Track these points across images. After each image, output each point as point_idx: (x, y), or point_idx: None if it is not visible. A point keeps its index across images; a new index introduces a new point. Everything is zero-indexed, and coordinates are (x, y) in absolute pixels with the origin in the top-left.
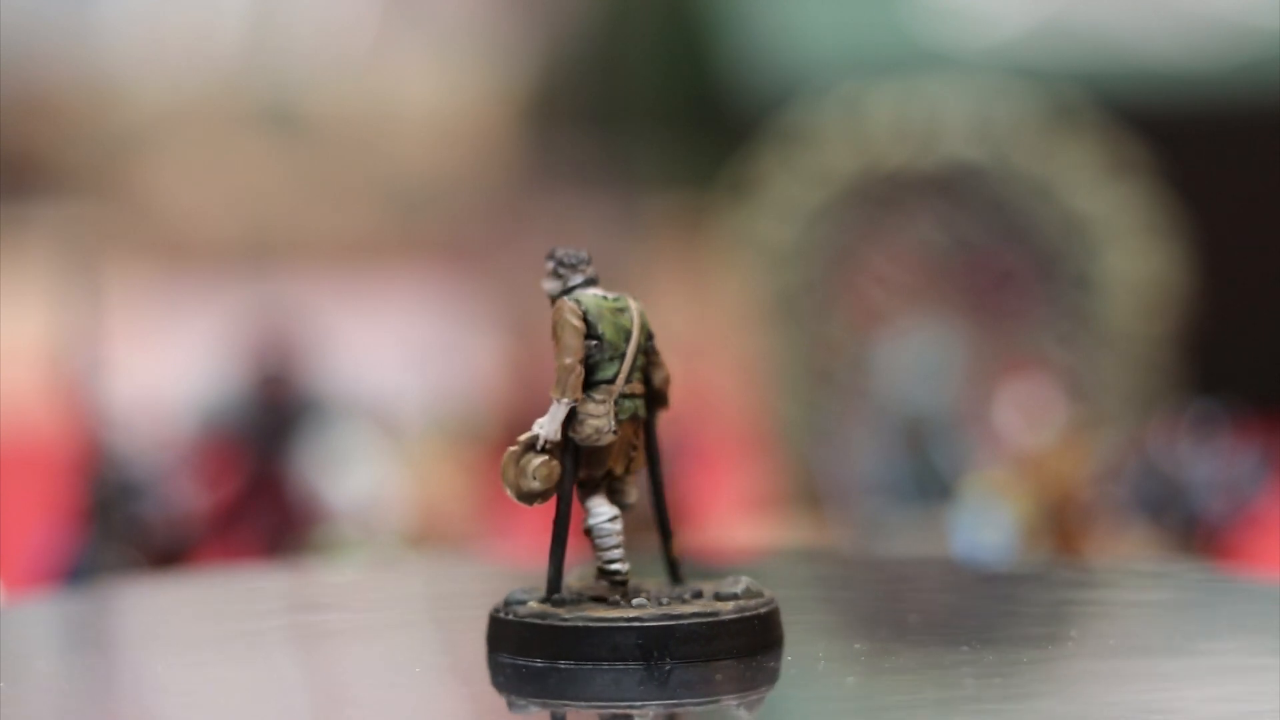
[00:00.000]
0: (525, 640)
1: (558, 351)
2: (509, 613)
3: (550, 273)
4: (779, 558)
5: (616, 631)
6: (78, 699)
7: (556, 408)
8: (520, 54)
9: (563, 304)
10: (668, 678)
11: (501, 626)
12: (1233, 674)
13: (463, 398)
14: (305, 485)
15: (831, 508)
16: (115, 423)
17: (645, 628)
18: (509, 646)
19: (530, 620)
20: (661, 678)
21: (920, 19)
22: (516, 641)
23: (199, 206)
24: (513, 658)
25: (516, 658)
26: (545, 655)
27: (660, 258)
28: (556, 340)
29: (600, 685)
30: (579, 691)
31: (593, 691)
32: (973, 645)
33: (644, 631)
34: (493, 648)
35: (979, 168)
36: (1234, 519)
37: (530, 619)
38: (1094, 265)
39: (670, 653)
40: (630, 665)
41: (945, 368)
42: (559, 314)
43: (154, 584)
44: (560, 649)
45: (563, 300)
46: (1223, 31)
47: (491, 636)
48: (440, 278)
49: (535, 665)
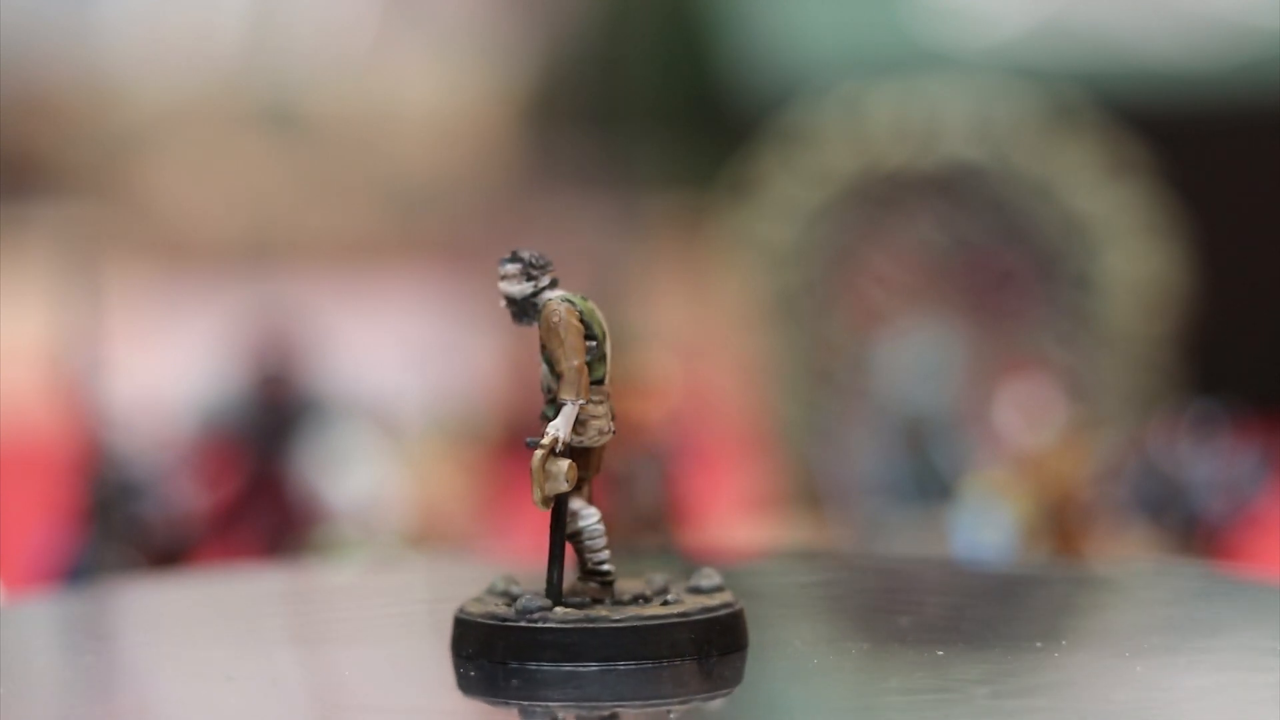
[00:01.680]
0: (569, 646)
1: (563, 354)
2: (539, 619)
3: (519, 275)
4: (779, 558)
5: (673, 628)
6: (78, 699)
7: (569, 409)
8: (520, 54)
9: (558, 305)
10: (712, 670)
11: (534, 634)
12: (1232, 674)
13: (463, 398)
14: (305, 485)
15: (831, 508)
16: (115, 423)
17: (695, 621)
18: (548, 655)
19: (575, 625)
20: (709, 670)
21: (920, 19)
22: (561, 649)
23: (199, 206)
24: (556, 664)
25: (561, 664)
26: (595, 659)
27: (660, 258)
28: (560, 342)
29: (661, 682)
30: (625, 691)
31: (651, 690)
32: (972, 645)
33: (695, 626)
34: (525, 657)
35: (979, 168)
36: (1234, 519)
37: (576, 624)
38: (1094, 265)
39: (717, 647)
40: (686, 660)
41: (945, 368)
42: (559, 316)
43: (154, 584)
44: (617, 650)
45: (557, 302)
46: (1223, 31)
47: (525, 645)
48: (440, 278)
49: (562, 669)
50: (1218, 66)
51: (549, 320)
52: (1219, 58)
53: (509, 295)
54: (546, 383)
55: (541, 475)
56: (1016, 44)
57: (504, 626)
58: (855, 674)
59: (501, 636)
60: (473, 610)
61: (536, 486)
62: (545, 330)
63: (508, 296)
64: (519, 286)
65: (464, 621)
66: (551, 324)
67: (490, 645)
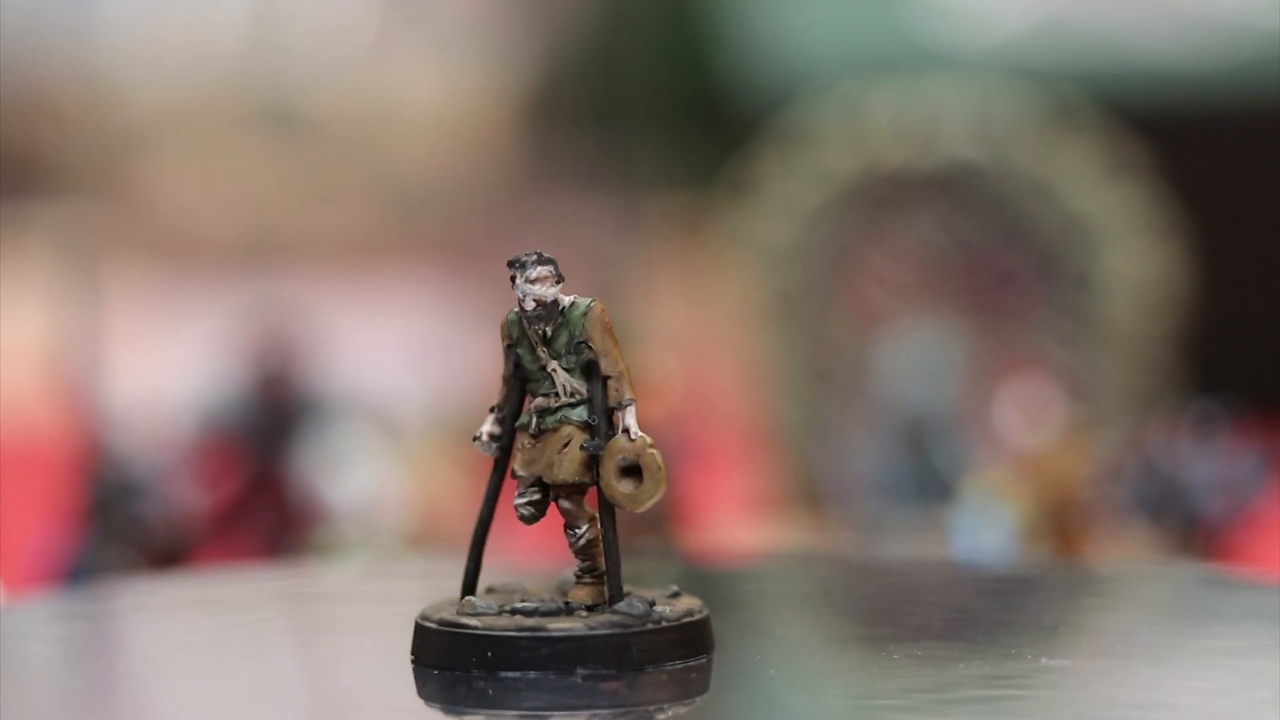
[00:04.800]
0: (605, 652)
1: (616, 355)
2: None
3: (551, 277)
4: (778, 558)
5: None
6: (78, 699)
7: (634, 407)
8: (520, 54)
9: (602, 307)
10: (691, 676)
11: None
12: (1232, 674)
13: (463, 398)
14: (305, 485)
15: (831, 508)
16: (115, 423)
17: (667, 628)
18: (595, 658)
19: (610, 632)
20: (689, 676)
21: (920, 19)
22: (605, 655)
23: (199, 206)
24: (596, 668)
25: (602, 668)
26: (633, 665)
27: (660, 258)
28: (613, 342)
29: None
30: (602, 699)
31: (662, 694)
32: (972, 645)
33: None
34: (554, 666)
35: (979, 168)
36: (1234, 519)
37: (608, 630)
38: (1094, 265)
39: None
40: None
41: (945, 368)
42: (606, 317)
43: (154, 584)
44: (650, 655)
45: (599, 303)
46: (1223, 31)
47: (567, 654)
48: (440, 278)
49: (577, 675)
50: (1218, 66)
51: (602, 320)
52: (1219, 58)
53: (542, 299)
54: (570, 385)
55: (661, 475)
56: (1016, 44)
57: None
58: (855, 675)
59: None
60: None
61: (659, 482)
62: (599, 331)
63: (540, 300)
64: (552, 289)
65: (424, 628)
66: (605, 324)
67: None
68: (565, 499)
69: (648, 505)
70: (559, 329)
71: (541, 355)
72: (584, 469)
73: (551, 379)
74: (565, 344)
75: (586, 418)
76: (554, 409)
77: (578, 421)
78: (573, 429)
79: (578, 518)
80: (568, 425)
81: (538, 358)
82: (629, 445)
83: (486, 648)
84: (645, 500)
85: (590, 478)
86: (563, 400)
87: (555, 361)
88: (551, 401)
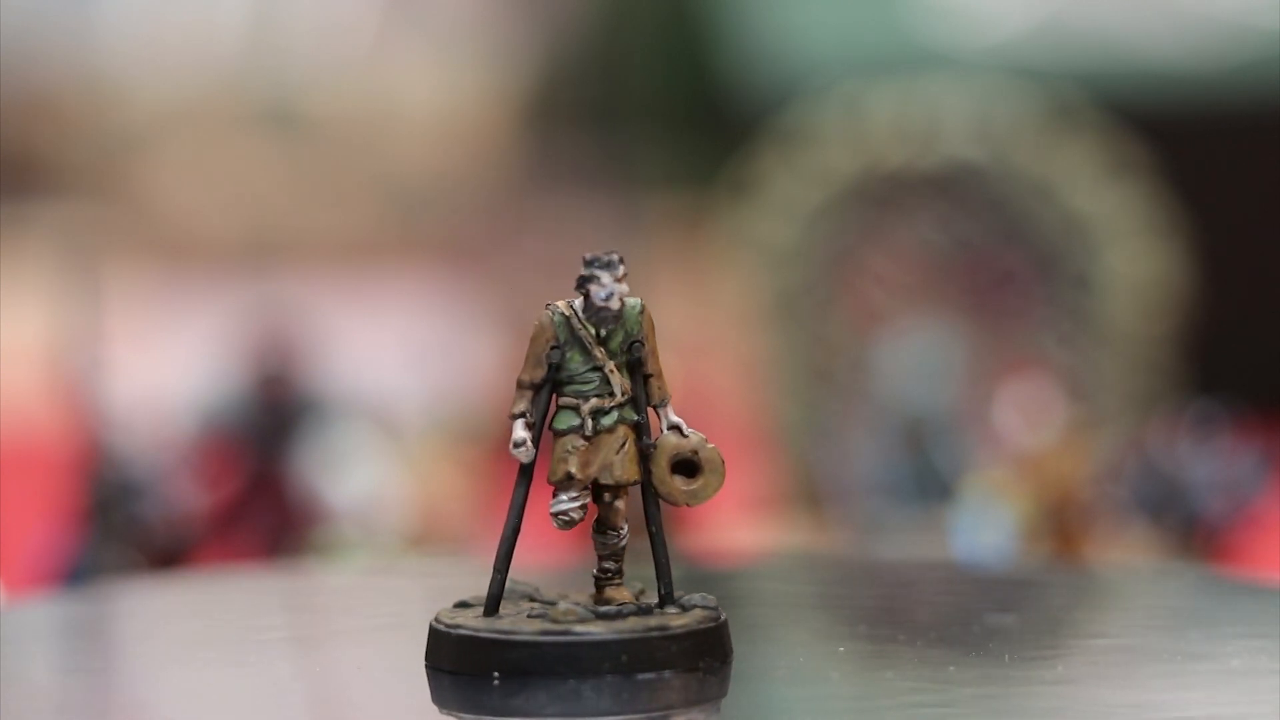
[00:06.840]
0: (635, 654)
1: (658, 353)
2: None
3: (625, 276)
4: (779, 559)
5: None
6: (78, 699)
7: (671, 405)
8: (520, 54)
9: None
10: (702, 681)
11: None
12: (1232, 675)
13: (463, 398)
14: (305, 485)
15: (831, 508)
16: (115, 423)
17: (681, 634)
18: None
19: (643, 636)
20: (698, 680)
21: (920, 19)
22: (634, 658)
23: (199, 206)
24: (619, 673)
25: (624, 673)
26: (657, 667)
27: (660, 258)
28: (655, 341)
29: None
30: (615, 704)
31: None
32: (972, 645)
33: (681, 638)
34: (583, 673)
35: (979, 168)
36: (1234, 519)
37: (641, 634)
38: (1094, 265)
39: (706, 658)
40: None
41: (945, 368)
42: (651, 316)
43: (154, 584)
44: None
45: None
46: (1223, 31)
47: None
48: (440, 278)
49: None
50: (1218, 66)
51: (650, 319)
52: (1219, 58)
53: (620, 294)
54: (624, 385)
55: (723, 469)
56: (1016, 44)
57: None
58: (854, 675)
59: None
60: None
61: (721, 476)
62: (650, 330)
63: (620, 295)
64: (625, 286)
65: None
66: (653, 322)
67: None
68: (619, 499)
69: (707, 500)
70: (615, 329)
71: (598, 355)
72: (640, 468)
73: (607, 379)
74: (620, 343)
75: (637, 416)
76: (609, 409)
77: (630, 421)
78: (626, 429)
79: (622, 518)
80: (622, 425)
81: (591, 358)
82: (684, 441)
83: (515, 653)
84: (707, 495)
85: (645, 476)
86: (618, 400)
87: (611, 361)
88: (606, 402)
